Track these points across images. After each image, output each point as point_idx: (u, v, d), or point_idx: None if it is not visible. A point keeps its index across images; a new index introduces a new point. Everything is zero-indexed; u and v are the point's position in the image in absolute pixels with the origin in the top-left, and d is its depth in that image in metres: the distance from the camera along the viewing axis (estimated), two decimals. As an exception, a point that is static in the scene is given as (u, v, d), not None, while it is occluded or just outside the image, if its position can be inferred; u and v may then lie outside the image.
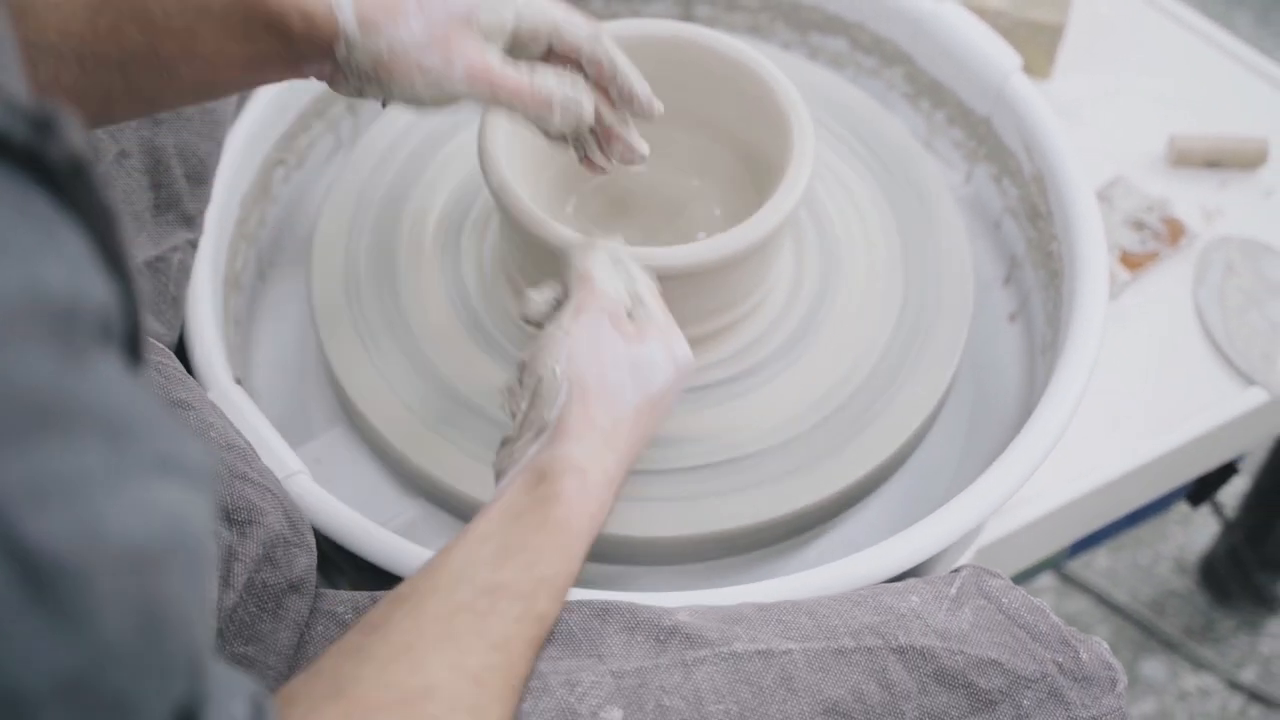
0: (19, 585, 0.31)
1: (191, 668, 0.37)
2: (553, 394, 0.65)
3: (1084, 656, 0.69)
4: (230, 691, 0.41)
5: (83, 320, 0.34)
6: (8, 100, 0.34)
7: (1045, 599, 1.41)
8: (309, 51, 0.65)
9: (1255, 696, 1.35)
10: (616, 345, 0.67)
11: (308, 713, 0.52)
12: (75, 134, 0.35)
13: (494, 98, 0.67)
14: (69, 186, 0.36)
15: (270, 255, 0.96)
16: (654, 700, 0.61)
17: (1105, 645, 0.71)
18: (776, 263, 0.82)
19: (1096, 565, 1.44)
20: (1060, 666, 0.68)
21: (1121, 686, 0.69)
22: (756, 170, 0.83)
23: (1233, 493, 1.41)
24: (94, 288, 0.35)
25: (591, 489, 0.63)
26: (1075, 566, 1.43)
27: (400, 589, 0.58)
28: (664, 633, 0.64)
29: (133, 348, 0.37)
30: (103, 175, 0.37)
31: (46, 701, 0.32)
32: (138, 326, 0.37)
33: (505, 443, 0.67)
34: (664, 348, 0.68)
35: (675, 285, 0.76)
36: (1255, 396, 0.93)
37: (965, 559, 0.84)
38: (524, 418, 0.66)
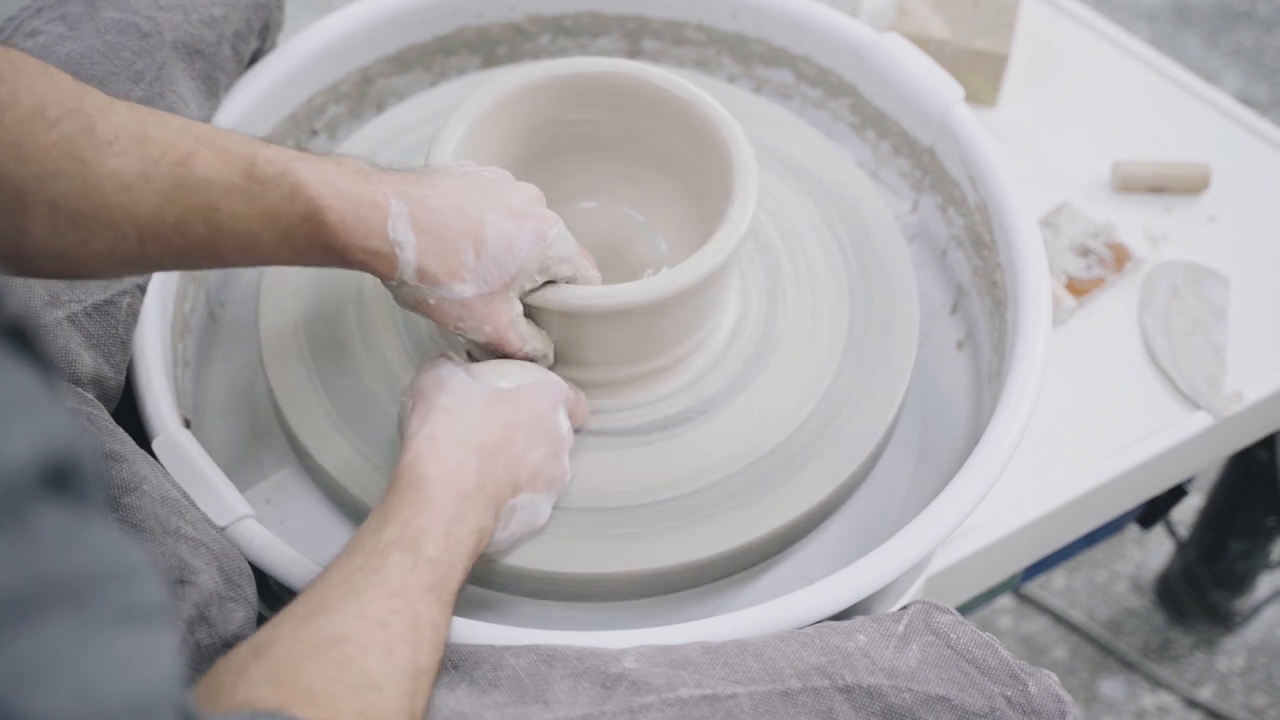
0: None
1: None
2: (405, 411, 0.73)
3: (1033, 690, 0.69)
4: None
5: (50, 472, 0.37)
6: None
7: (1003, 620, 1.42)
8: (362, 270, 0.71)
9: (1212, 714, 1.36)
10: (454, 365, 0.75)
11: (237, 677, 0.56)
12: (14, 299, 0.38)
13: (494, 347, 0.75)
14: (14, 344, 0.38)
15: (220, 296, 0.95)
16: None
17: (1054, 677, 0.71)
18: (723, 297, 0.83)
19: (1054, 585, 1.44)
20: (1009, 700, 0.69)
21: (1071, 718, 0.70)
22: (703, 206, 0.84)
23: (1187, 509, 1.42)
24: (52, 435, 0.37)
25: (442, 447, 0.69)
26: (1033, 587, 1.44)
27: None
28: (610, 679, 0.64)
29: (84, 480, 0.39)
30: (40, 326, 0.39)
31: None
32: (83, 457, 0.39)
33: None
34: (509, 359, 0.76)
35: (619, 323, 0.76)
36: (1200, 421, 0.94)
37: (915, 587, 0.84)
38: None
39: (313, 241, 0.68)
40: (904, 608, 0.71)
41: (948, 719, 0.67)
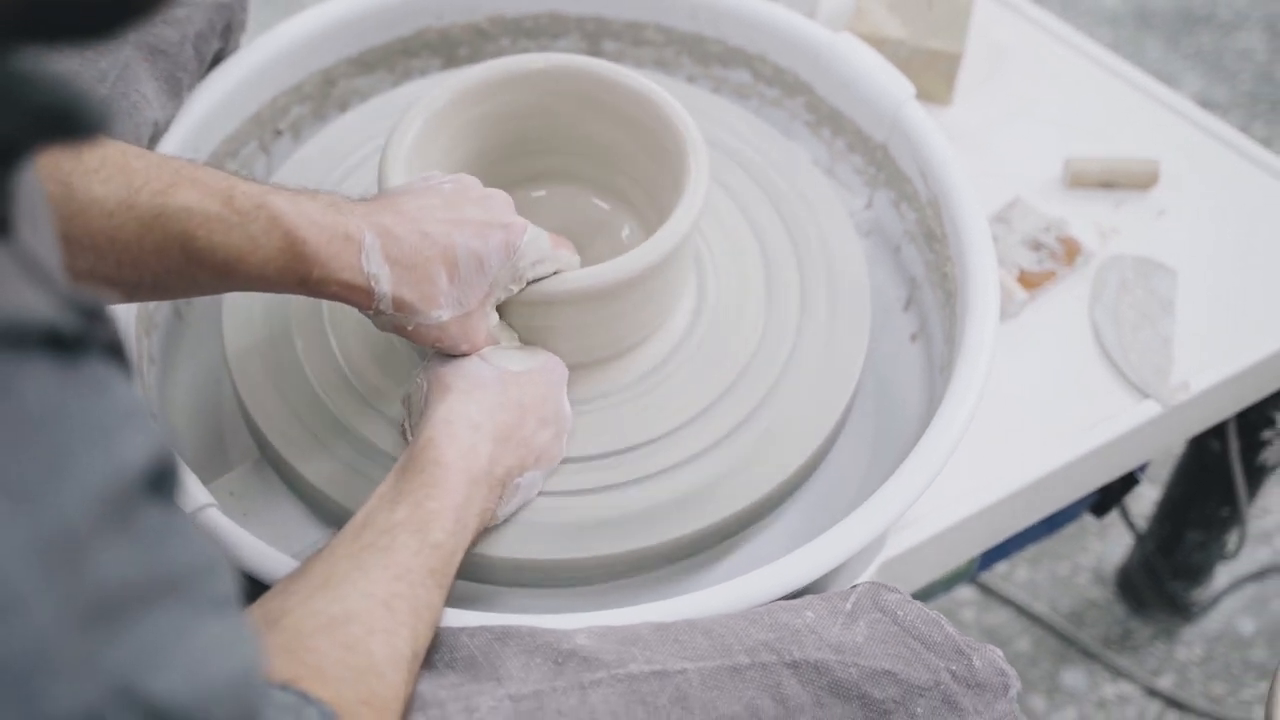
0: None
1: None
2: (419, 393, 0.75)
3: (977, 664, 0.71)
4: None
5: (151, 475, 0.40)
6: (64, 295, 0.40)
7: (967, 612, 1.44)
8: (337, 300, 0.72)
9: (1172, 703, 1.38)
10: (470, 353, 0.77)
11: None
12: (113, 319, 0.41)
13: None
14: (115, 360, 0.42)
15: (185, 293, 0.96)
16: None
17: (999, 653, 0.73)
18: (678, 285, 0.84)
19: (1016, 578, 1.47)
20: (954, 674, 0.70)
21: (1014, 691, 0.72)
22: (660, 195, 0.85)
23: (1146, 502, 1.44)
24: (153, 441, 0.40)
25: (458, 431, 0.71)
26: (996, 579, 1.46)
27: (318, 549, 0.66)
28: (562, 655, 0.66)
29: (174, 480, 0.42)
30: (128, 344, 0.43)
31: None
32: (173, 460, 0.42)
33: None
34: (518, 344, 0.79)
35: (572, 310, 0.78)
36: (1149, 409, 0.96)
37: (869, 573, 0.86)
38: (411, 427, 0.77)
39: (288, 273, 0.69)
40: (853, 587, 0.73)
41: (893, 692, 0.68)
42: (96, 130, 0.40)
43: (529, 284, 0.76)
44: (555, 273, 0.77)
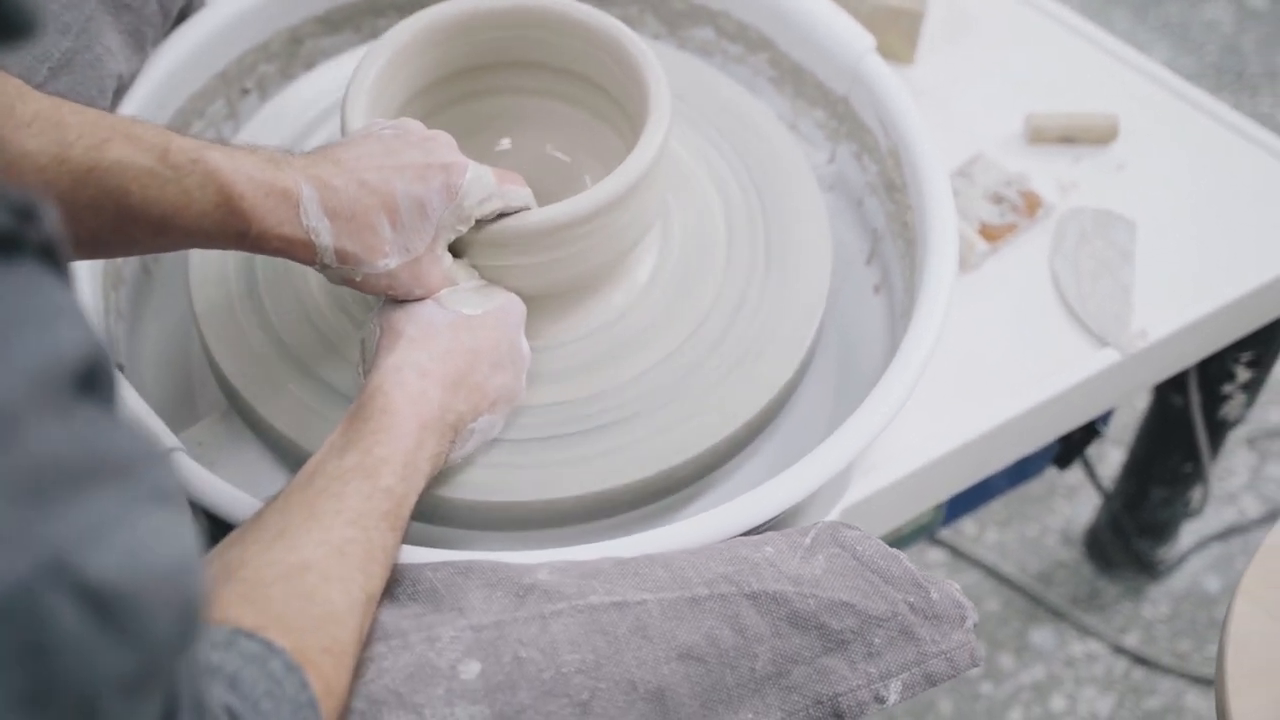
0: (89, 614, 0.37)
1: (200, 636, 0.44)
2: (372, 339, 0.75)
3: (935, 596, 0.72)
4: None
5: (85, 372, 0.40)
6: None
7: (936, 573, 1.45)
8: (281, 256, 0.72)
9: (1138, 660, 1.40)
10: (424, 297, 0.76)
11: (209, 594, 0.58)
12: (50, 220, 0.41)
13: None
14: (48, 261, 0.41)
15: (152, 250, 0.97)
16: (511, 652, 0.64)
17: (956, 586, 0.74)
18: (641, 225, 0.84)
19: (986, 540, 1.48)
20: (911, 606, 0.71)
21: (971, 623, 0.73)
22: (624, 141, 0.86)
23: (1114, 464, 1.46)
24: (87, 340, 0.40)
25: (407, 378, 0.71)
26: (965, 542, 1.47)
27: (272, 497, 0.66)
28: (523, 589, 0.66)
29: (109, 383, 0.42)
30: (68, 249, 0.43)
31: (113, 697, 0.38)
32: (109, 363, 0.42)
33: None
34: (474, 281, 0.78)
35: (528, 248, 0.78)
36: (1108, 357, 0.97)
37: (832, 516, 0.87)
38: (365, 372, 0.76)
39: (227, 228, 0.69)
40: (813, 524, 0.74)
41: (851, 623, 0.69)
42: (29, 29, 0.40)
43: (478, 223, 0.76)
44: (506, 209, 0.76)
